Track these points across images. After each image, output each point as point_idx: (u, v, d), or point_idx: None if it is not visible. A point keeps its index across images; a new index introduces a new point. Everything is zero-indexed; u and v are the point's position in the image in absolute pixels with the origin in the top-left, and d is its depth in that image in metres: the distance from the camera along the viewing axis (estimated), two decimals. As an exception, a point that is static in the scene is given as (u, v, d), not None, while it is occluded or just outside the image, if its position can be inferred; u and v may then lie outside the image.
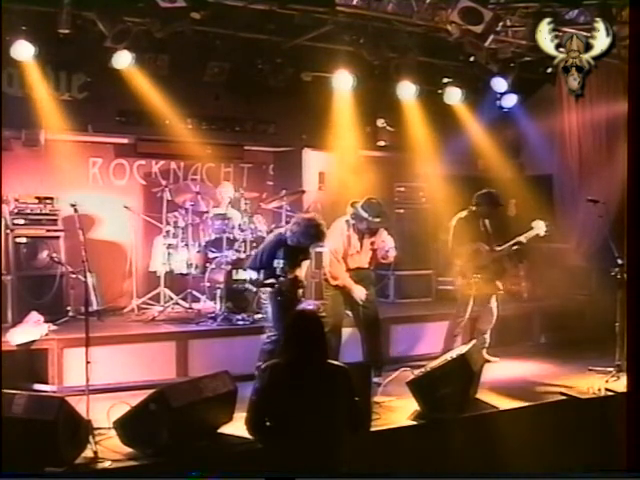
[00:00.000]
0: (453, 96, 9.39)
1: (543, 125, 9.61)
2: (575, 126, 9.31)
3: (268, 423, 4.14)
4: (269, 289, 6.31)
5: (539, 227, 7.46)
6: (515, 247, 7.49)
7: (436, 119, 9.45)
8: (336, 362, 4.37)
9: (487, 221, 7.71)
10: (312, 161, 9.47)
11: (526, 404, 6.29)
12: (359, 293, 6.74)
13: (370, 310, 6.87)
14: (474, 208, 7.64)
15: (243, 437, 4.73)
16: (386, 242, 6.84)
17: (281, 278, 6.22)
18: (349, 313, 6.95)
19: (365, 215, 6.72)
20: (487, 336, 7.66)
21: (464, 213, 7.66)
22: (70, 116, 7.97)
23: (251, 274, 6.47)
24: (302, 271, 6.51)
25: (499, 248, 7.52)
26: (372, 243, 6.87)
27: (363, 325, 6.88)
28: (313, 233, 6.20)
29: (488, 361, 7.57)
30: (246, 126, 9.47)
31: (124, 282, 8.55)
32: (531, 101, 9.95)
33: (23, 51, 7.18)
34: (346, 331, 6.95)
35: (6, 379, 4.85)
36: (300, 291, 6.46)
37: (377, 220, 6.73)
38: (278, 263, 6.23)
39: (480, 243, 7.52)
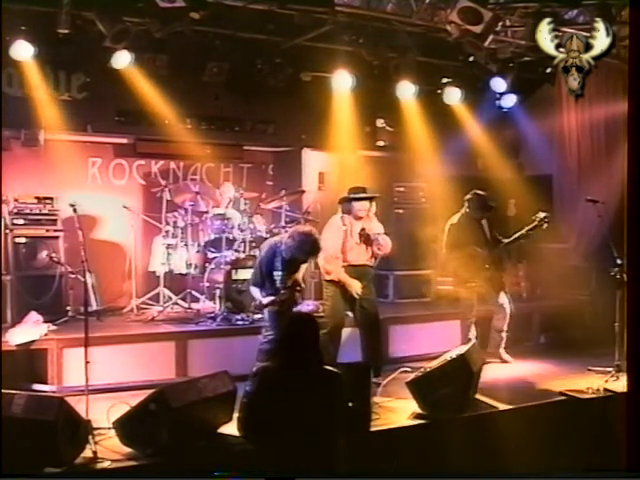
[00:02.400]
0: (452, 96, 9.39)
1: (542, 125, 9.61)
2: (575, 126, 9.31)
3: (260, 426, 4.14)
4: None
5: (540, 218, 7.47)
6: (521, 240, 7.53)
7: (436, 119, 9.45)
8: (329, 367, 4.34)
9: (484, 221, 7.72)
10: (312, 161, 9.47)
11: (526, 404, 6.29)
12: (355, 287, 6.70)
13: (370, 310, 6.85)
14: (466, 211, 7.65)
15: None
16: (375, 229, 6.80)
17: (281, 291, 6.21)
18: (349, 313, 6.94)
19: (352, 196, 6.75)
20: (503, 335, 7.69)
21: (456, 218, 7.66)
22: (69, 116, 7.97)
23: (254, 291, 6.43)
24: (300, 274, 6.50)
25: (506, 241, 7.54)
26: (362, 229, 6.78)
27: (363, 325, 6.86)
28: (307, 249, 6.13)
29: (506, 361, 7.64)
30: (245, 126, 9.47)
31: (123, 282, 8.55)
32: (530, 101, 9.94)
33: (23, 51, 7.18)
34: (346, 331, 6.94)
35: (6, 379, 4.84)
36: (297, 294, 6.46)
37: (363, 194, 6.74)
38: (277, 275, 6.23)
39: (473, 247, 7.51)
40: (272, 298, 6.20)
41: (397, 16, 7.71)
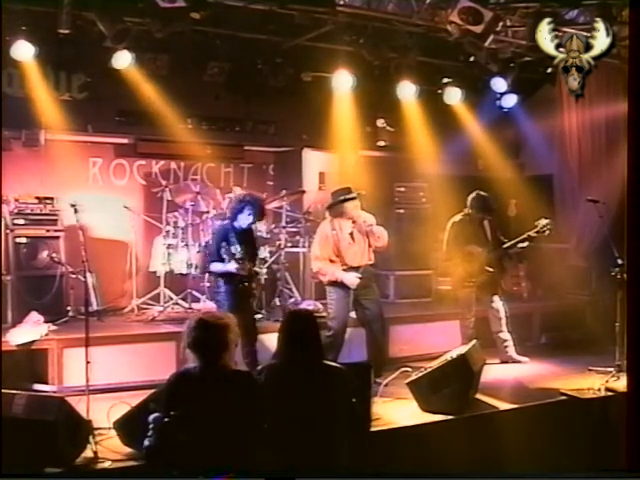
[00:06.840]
0: (453, 96, 9.38)
1: (543, 125, 9.61)
2: (575, 126, 9.31)
3: (265, 425, 4.14)
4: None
5: (542, 225, 7.49)
6: (524, 243, 7.53)
7: (436, 119, 9.45)
8: (332, 363, 4.36)
9: (486, 222, 7.72)
10: (312, 161, 9.47)
11: (526, 404, 6.29)
12: (349, 279, 6.69)
13: (373, 310, 6.85)
14: (469, 211, 7.66)
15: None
16: (367, 220, 6.80)
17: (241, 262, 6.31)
18: (353, 314, 6.93)
19: (342, 198, 6.78)
20: (503, 336, 7.69)
21: (458, 217, 7.67)
22: (70, 116, 7.97)
23: (216, 266, 6.49)
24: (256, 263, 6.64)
25: (507, 244, 7.55)
26: (354, 223, 6.81)
27: (367, 325, 6.87)
28: (245, 208, 6.44)
29: (519, 361, 7.68)
30: (246, 126, 9.46)
31: (124, 282, 8.54)
32: (531, 101, 9.94)
33: (23, 51, 7.18)
34: (349, 331, 6.94)
35: (6, 379, 4.85)
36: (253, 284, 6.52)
37: (348, 197, 6.75)
38: (235, 249, 6.36)
39: (473, 246, 7.52)
40: (234, 265, 6.27)
41: (398, 16, 7.70)
